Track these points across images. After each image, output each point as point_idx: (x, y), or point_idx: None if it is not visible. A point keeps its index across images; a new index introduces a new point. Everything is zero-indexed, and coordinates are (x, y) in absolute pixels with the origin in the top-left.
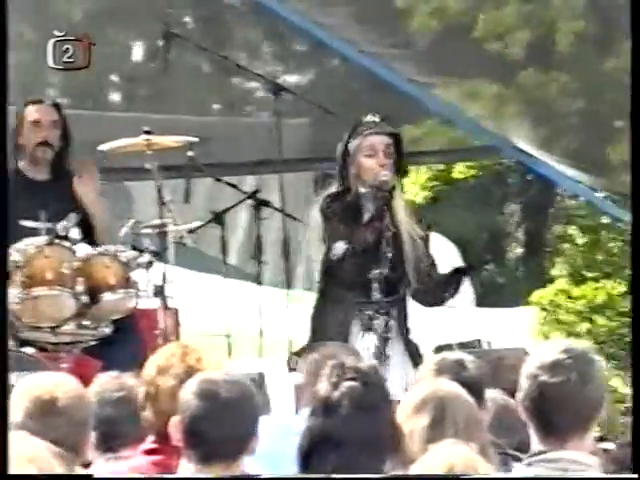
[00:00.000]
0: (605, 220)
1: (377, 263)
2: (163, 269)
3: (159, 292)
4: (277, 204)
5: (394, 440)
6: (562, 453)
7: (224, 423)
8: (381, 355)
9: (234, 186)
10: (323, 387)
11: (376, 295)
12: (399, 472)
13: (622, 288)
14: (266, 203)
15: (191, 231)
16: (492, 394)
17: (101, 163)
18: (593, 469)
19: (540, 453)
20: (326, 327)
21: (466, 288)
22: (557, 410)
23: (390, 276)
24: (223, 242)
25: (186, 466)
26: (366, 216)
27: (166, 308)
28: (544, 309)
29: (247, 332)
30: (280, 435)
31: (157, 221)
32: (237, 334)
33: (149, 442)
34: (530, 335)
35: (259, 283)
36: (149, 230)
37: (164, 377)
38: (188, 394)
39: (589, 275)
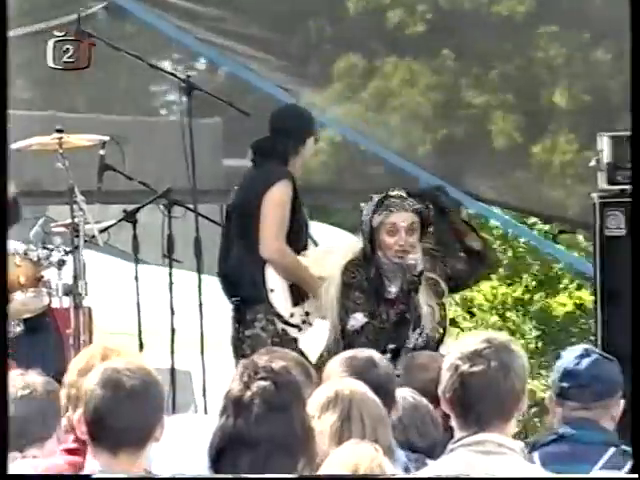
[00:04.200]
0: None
1: (394, 341)
2: (75, 268)
3: (70, 291)
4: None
5: (305, 440)
6: (486, 435)
7: (128, 412)
8: None
9: (146, 185)
10: (235, 387)
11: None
12: (310, 472)
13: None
14: (178, 202)
15: (102, 230)
16: (404, 393)
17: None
18: (517, 453)
19: (463, 437)
20: None
21: None
22: (478, 399)
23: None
24: (135, 240)
25: (91, 459)
26: (391, 292)
27: (77, 307)
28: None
29: (160, 330)
30: (192, 433)
31: (68, 220)
32: (150, 332)
33: (70, 441)
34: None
35: (171, 282)
36: (61, 229)
37: (85, 378)
38: (91, 384)
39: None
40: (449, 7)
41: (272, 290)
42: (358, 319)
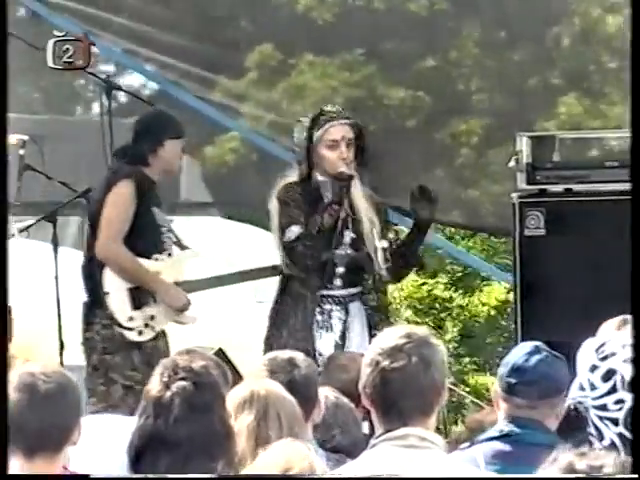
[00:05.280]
0: None
1: (335, 246)
2: None
3: None
4: None
5: (225, 440)
6: (408, 430)
7: (43, 416)
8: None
9: (66, 184)
10: (154, 386)
11: (337, 283)
12: (229, 473)
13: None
14: None
15: (22, 229)
16: (325, 392)
17: None
18: (439, 447)
19: (386, 432)
20: (287, 326)
21: None
22: (400, 395)
23: (349, 268)
24: (55, 240)
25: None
26: (324, 202)
27: None
28: None
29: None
30: (109, 433)
31: None
32: (70, 330)
33: None
34: None
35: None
36: None
37: None
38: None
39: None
40: (363, 3)
41: (107, 293)
42: (294, 231)
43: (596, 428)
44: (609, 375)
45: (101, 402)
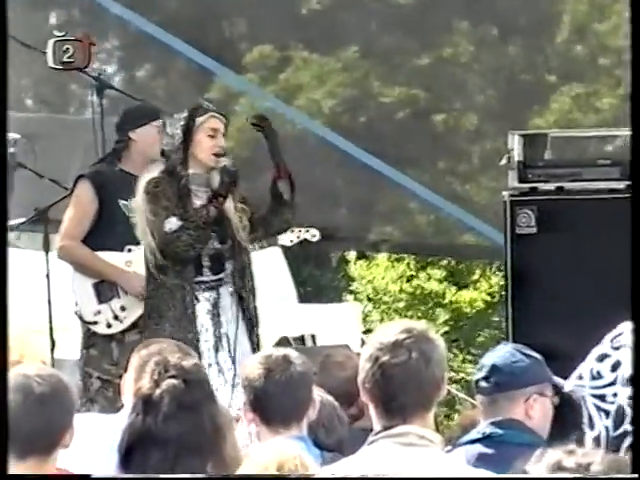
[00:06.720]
0: None
1: (208, 240)
2: None
3: None
4: None
5: (215, 439)
6: (408, 427)
7: (37, 418)
8: (217, 337)
9: (57, 182)
10: (145, 384)
11: (206, 272)
12: (221, 471)
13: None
14: None
15: (13, 228)
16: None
17: None
18: (437, 445)
19: (385, 429)
20: (161, 310)
21: None
22: (400, 390)
23: (217, 256)
24: (46, 238)
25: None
26: (203, 195)
27: None
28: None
29: (70, 327)
30: (99, 432)
31: None
32: (60, 329)
33: None
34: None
35: None
36: None
37: None
38: None
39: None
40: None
41: (74, 291)
42: (173, 222)
43: (590, 418)
44: (616, 366)
45: (80, 397)
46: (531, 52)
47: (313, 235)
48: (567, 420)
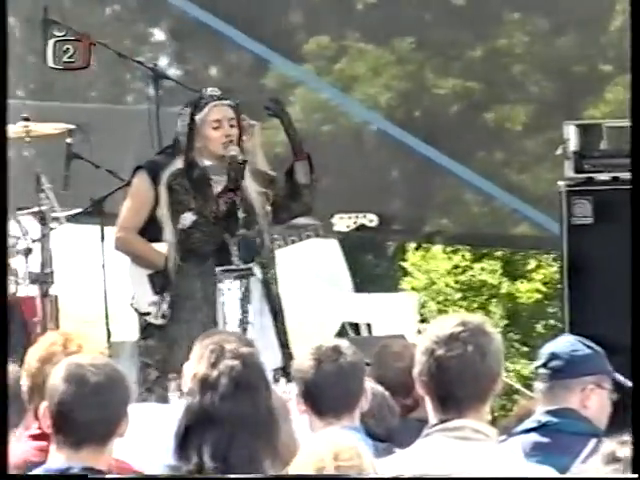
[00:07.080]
0: None
1: (232, 231)
2: (42, 256)
3: (37, 279)
4: None
5: (269, 423)
6: (464, 421)
7: (92, 407)
8: (244, 324)
9: (113, 173)
10: (202, 368)
11: (235, 261)
12: (274, 459)
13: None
14: None
15: (69, 218)
16: None
17: None
18: (491, 439)
19: (440, 422)
20: (186, 304)
21: None
22: (457, 384)
23: (247, 242)
24: (102, 229)
25: (55, 453)
26: (218, 187)
27: (45, 295)
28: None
29: (126, 318)
30: (154, 422)
31: (36, 208)
32: (117, 319)
33: (34, 428)
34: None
35: None
36: (28, 217)
37: (49, 366)
38: (56, 379)
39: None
40: None
41: (130, 282)
42: (188, 218)
43: None
44: None
45: (138, 387)
46: (585, 42)
47: (371, 220)
48: (626, 417)
